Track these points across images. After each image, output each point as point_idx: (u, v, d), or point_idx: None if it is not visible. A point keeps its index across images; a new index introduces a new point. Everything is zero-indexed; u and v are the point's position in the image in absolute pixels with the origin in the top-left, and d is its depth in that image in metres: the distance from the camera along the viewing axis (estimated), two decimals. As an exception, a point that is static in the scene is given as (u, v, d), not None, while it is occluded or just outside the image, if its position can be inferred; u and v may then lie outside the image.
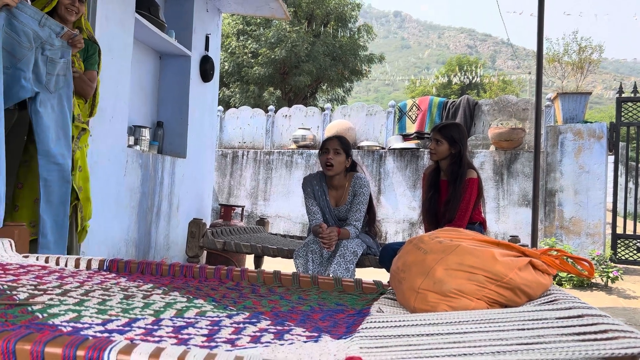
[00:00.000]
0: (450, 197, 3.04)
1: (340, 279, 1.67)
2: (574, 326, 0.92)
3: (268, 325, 1.09)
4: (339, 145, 3.04)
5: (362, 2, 18.16)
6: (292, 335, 1.02)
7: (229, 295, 1.42)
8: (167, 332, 0.99)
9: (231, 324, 1.09)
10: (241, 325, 1.08)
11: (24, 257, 1.78)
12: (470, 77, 21.61)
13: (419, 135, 7.94)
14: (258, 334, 1.02)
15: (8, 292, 1.23)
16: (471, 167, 3.13)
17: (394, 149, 7.84)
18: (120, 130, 3.68)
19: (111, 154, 3.56)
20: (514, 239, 3.42)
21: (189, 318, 1.12)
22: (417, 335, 0.95)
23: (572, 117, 6.74)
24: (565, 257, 1.27)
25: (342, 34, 16.28)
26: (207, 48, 5.10)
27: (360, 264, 3.02)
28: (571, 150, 6.54)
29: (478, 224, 3.12)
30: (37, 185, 2.56)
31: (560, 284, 5.74)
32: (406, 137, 8.05)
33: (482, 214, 3.19)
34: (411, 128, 8.06)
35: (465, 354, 0.81)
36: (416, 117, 8.01)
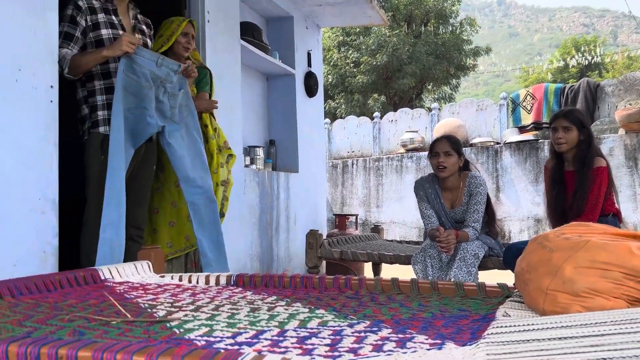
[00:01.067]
0: (577, 189, 2.82)
1: (462, 283, 1.61)
2: None
3: (389, 334, 1.09)
4: (449, 147, 2.95)
5: (462, -4, 17.62)
6: (414, 343, 1.01)
7: (349, 305, 1.43)
8: (292, 343, 1.02)
9: (352, 333, 1.10)
10: (362, 334, 1.08)
11: (160, 277, 1.93)
12: (589, 58, 20.03)
13: (537, 125, 7.49)
14: (380, 342, 1.02)
15: (149, 310, 1.35)
16: (599, 154, 2.89)
17: (510, 142, 7.47)
18: (236, 152, 3.89)
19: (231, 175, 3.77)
20: (657, 229, 3.09)
21: (311, 328, 1.14)
22: (549, 339, 0.89)
23: None
24: None
25: (443, 30, 15.90)
26: (309, 64, 5.24)
27: (483, 266, 2.91)
28: None
29: (611, 215, 2.86)
30: (169, 209, 2.79)
31: None
32: (522, 129, 7.63)
33: (616, 205, 2.92)
34: (527, 119, 7.63)
35: (604, 359, 0.75)
36: (531, 107, 7.57)
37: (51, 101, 2.21)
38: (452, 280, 2.68)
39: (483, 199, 2.94)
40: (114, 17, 2.51)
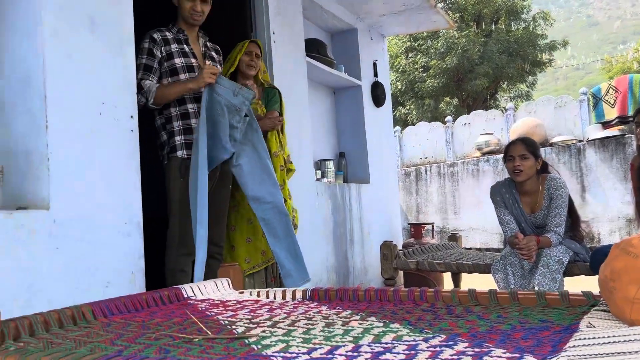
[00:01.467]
0: (670, 187, 2.63)
1: (544, 292, 1.55)
2: None
3: (465, 348, 1.06)
4: (524, 149, 2.85)
5: (533, -11, 16.98)
6: (491, 357, 0.98)
7: (424, 318, 1.41)
8: (366, 359, 1.02)
9: (428, 347, 1.08)
10: (438, 349, 1.07)
11: (239, 293, 2.00)
12: (680, 42, 18.59)
13: (622, 120, 7.04)
14: (455, 357, 1.00)
15: (229, 327, 1.40)
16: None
17: (593, 139, 7.07)
18: (307, 166, 3.95)
19: (303, 189, 3.84)
20: None
21: (386, 343, 1.14)
22: (636, 352, 0.84)
23: None
24: None
25: (515, 27, 15.36)
26: (375, 74, 5.24)
27: (569, 272, 2.77)
28: None
29: None
30: (246, 226, 2.89)
31: None
32: (606, 125, 7.20)
33: None
34: (611, 114, 7.19)
35: (699, 375, 0.70)
36: (615, 100, 7.13)
37: (132, 130, 2.36)
38: (535, 288, 2.57)
39: (564, 202, 2.80)
40: (185, 46, 2.66)
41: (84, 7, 2.20)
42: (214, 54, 2.83)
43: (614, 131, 6.97)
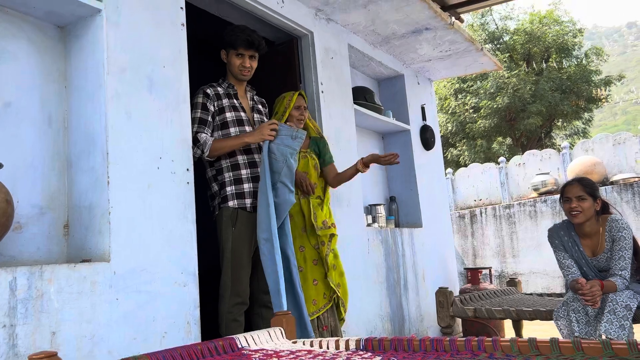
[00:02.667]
0: None
1: (610, 341, 1.46)
2: None
3: (525, 403, 1.02)
4: (581, 190, 2.76)
5: (584, 26, 16.72)
6: (553, 413, 0.94)
7: (482, 369, 1.36)
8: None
9: (485, 402, 1.04)
10: (496, 404, 1.03)
11: (292, 342, 1.99)
12: None
13: (689, 154, 6.70)
14: (515, 413, 0.96)
15: (281, 378, 1.39)
16: None
17: (658, 176, 6.74)
18: (357, 212, 3.95)
19: (353, 235, 3.82)
20: None
21: (441, 397, 1.11)
22: None
23: None
24: None
25: (567, 64, 15.11)
26: (424, 118, 5.25)
27: (638, 319, 2.60)
28: None
29: None
30: (313, 267, 2.92)
31: None
32: (671, 160, 6.87)
33: None
34: (676, 148, 6.87)
35: None
36: (679, 134, 6.81)
37: (188, 182, 2.45)
38: (602, 336, 2.43)
39: (628, 244, 2.66)
40: (235, 101, 2.78)
41: (143, 69, 2.34)
42: (260, 107, 2.95)
43: (680, 166, 6.64)
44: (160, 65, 2.43)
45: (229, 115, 2.72)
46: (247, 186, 2.69)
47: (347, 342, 1.89)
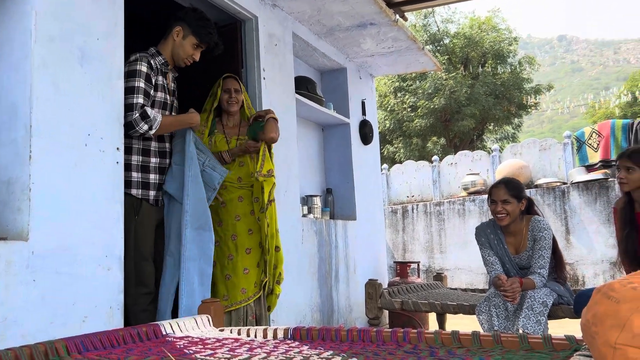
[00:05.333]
0: (651, 231, 2.66)
1: (527, 336, 1.54)
2: None
3: (446, 393, 1.05)
4: (506, 194, 2.86)
5: (519, 35, 17.47)
6: (471, 403, 0.97)
7: (406, 360, 1.39)
8: (344, 402, 1.00)
9: (407, 391, 1.06)
10: (417, 393, 1.05)
11: (219, 330, 1.96)
12: (661, 89, 19.13)
13: (605, 164, 7.16)
14: (435, 402, 0.98)
15: (206, 365, 1.36)
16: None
17: (577, 182, 7.16)
18: (294, 202, 3.95)
19: (288, 224, 3.82)
20: None
21: (365, 386, 1.12)
22: (617, 401, 0.83)
23: None
24: None
25: (502, 70, 15.74)
26: (364, 112, 5.31)
27: (553, 315, 2.75)
28: None
29: (691, 259, 2.66)
30: (226, 262, 2.85)
31: None
32: (590, 168, 7.32)
33: (695, 248, 2.72)
34: (594, 157, 7.32)
35: None
36: (598, 144, 7.27)
37: (117, 162, 2.34)
38: (520, 330, 2.55)
39: (548, 244, 2.81)
40: (164, 80, 2.67)
41: (75, 40, 2.22)
42: (175, 90, 2.86)
43: (597, 174, 7.08)
44: (94, 37, 2.30)
45: (159, 95, 2.59)
46: (153, 177, 2.59)
47: (275, 331, 1.88)
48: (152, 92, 2.54)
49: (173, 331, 1.85)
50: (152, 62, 2.56)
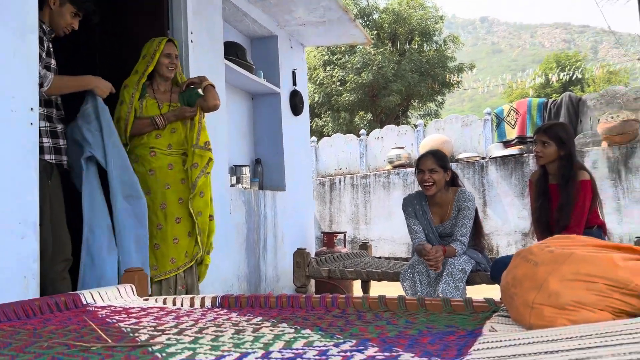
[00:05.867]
0: (562, 203, 2.85)
1: (449, 299, 1.60)
2: None
3: (375, 352, 1.07)
4: (434, 163, 2.95)
5: (445, 14, 17.90)
6: (400, 361, 1.00)
7: (336, 324, 1.41)
8: (276, 365, 1.00)
9: (338, 352, 1.08)
10: (348, 354, 1.06)
11: (144, 299, 1.90)
12: (571, 73, 20.39)
13: (521, 140, 7.57)
14: (365, 361, 1.00)
15: (131, 334, 1.32)
16: (582, 168, 2.92)
17: (495, 157, 7.53)
18: (222, 172, 3.87)
19: (216, 194, 3.74)
20: (641, 240, 3.12)
21: (297, 349, 1.13)
22: (535, 354, 0.88)
23: (695, 100, 6.09)
24: (701, 257, 1.13)
25: (427, 48, 16.10)
26: (294, 83, 5.26)
27: (471, 281, 2.90)
28: (698, 135, 5.89)
29: (596, 227, 2.88)
30: (155, 232, 2.77)
31: None
32: (507, 144, 7.71)
33: (600, 217, 2.95)
34: (511, 134, 7.71)
35: (590, 373, 0.74)
36: (515, 121, 7.66)
37: (31, 124, 2.18)
38: (440, 295, 2.67)
39: (471, 214, 2.94)
40: (51, 46, 2.53)
41: (-19, -13, 2.02)
42: None
43: (513, 150, 7.47)
44: (3, -14, 2.10)
45: (53, 61, 2.47)
46: (62, 142, 2.51)
47: (202, 299, 1.85)
48: (44, 54, 2.41)
49: (94, 300, 1.78)
50: (44, 26, 2.43)
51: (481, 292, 2.55)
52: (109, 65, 3.40)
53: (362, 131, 9.22)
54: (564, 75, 20.00)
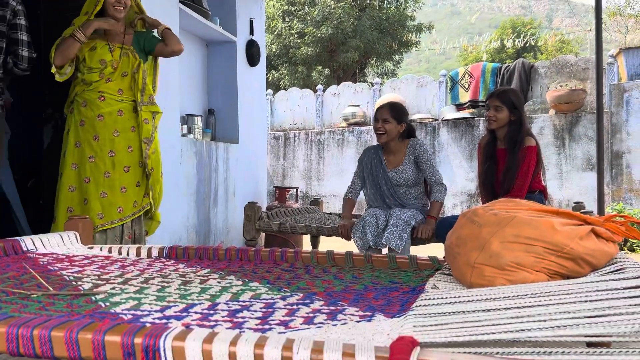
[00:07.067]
0: (508, 167, 2.94)
1: (394, 256, 1.65)
2: (643, 296, 0.87)
3: (321, 306, 1.09)
4: (387, 114, 3.07)
5: (407, -29, 17.66)
6: (345, 315, 1.02)
7: (284, 277, 1.43)
8: (222, 317, 1.00)
9: (285, 305, 1.10)
10: (295, 307, 1.08)
11: (88, 248, 1.86)
12: (525, 40, 20.74)
13: (473, 104, 7.70)
14: (311, 315, 1.02)
15: (73, 282, 1.29)
16: (529, 134, 3.02)
17: (447, 119, 7.65)
18: (173, 120, 3.77)
19: (166, 143, 3.65)
20: (578, 205, 3.27)
21: (243, 301, 1.13)
22: (473, 311, 0.92)
23: (638, 74, 6.33)
24: (631, 223, 1.20)
25: (388, 5, 15.93)
26: (251, 32, 5.11)
27: (417, 241, 2.99)
28: (638, 108, 6.17)
29: (538, 192, 3.00)
30: (102, 180, 2.68)
31: (632, 249, 5.47)
32: (460, 107, 7.83)
33: (542, 182, 3.07)
34: (464, 97, 7.83)
35: (523, 330, 0.78)
36: (469, 85, 7.77)
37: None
38: (383, 242, 2.79)
39: (431, 157, 3.11)
40: None
41: None
42: None
43: (465, 113, 7.61)
44: None
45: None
46: None
47: (149, 249, 1.82)
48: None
49: (35, 247, 1.72)
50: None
51: (426, 250, 2.63)
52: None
53: (319, 86, 9.13)
54: (519, 41, 20.30)
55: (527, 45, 21.21)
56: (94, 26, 2.66)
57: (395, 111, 3.09)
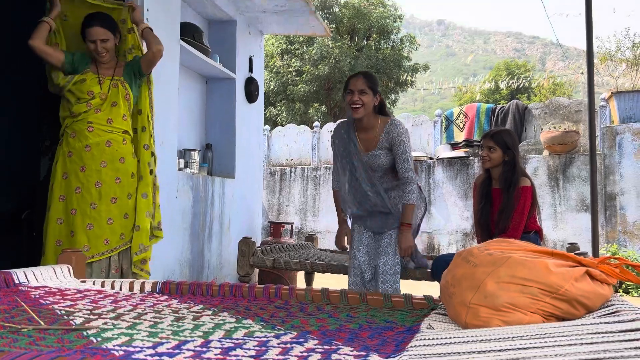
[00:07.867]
0: (503, 207, 2.96)
1: (390, 295, 1.64)
2: (639, 340, 0.86)
3: (315, 345, 1.08)
4: (364, 84, 2.72)
5: (403, 14, 18.11)
6: (339, 355, 1.01)
7: (277, 315, 1.42)
8: (215, 354, 0.99)
9: (278, 344, 1.08)
10: (288, 346, 1.07)
11: (81, 282, 1.84)
12: (519, 82, 21.13)
13: (468, 143, 7.79)
14: (305, 354, 1.01)
15: (65, 317, 1.27)
16: (524, 174, 3.05)
17: (442, 158, 7.71)
18: (170, 154, 3.78)
19: (162, 177, 3.66)
20: (573, 246, 3.28)
21: (237, 339, 1.12)
22: (469, 352, 0.91)
23: (630, 117, 6.44)
24: (625, 266, 1.21)
25: (384, 46, 16.26)
26: (251, 69, 5.20)
27: (412, 276, 2.97)
28: (630, 151, 6.24)
29: (533, 232, 3.01)
30: (89, 211, 2.66)
31: (627, 292, 5.45)
32: (455, 146, 7.91)
33: (538, 222, 3.08)
34: (459, 136, 7.92)
35: (519, 373, 0.78)
36: (464, 125, 7.87)
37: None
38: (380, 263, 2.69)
39: (409, 145, 2.79)
40: None
41: None
42: None
43: (460, 152, 7.68)
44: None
45: None
46: None
47: (142, 284, 1.81)
48: None
49: (27, 280, 1.71)
50: None
51: (421, 289, 2.61)
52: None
53: (316, 123, 9.23)
54: (513, 83, 20.67)
55: (521, 86, 21.61)
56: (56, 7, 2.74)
57: (371, 81, 2.76)
